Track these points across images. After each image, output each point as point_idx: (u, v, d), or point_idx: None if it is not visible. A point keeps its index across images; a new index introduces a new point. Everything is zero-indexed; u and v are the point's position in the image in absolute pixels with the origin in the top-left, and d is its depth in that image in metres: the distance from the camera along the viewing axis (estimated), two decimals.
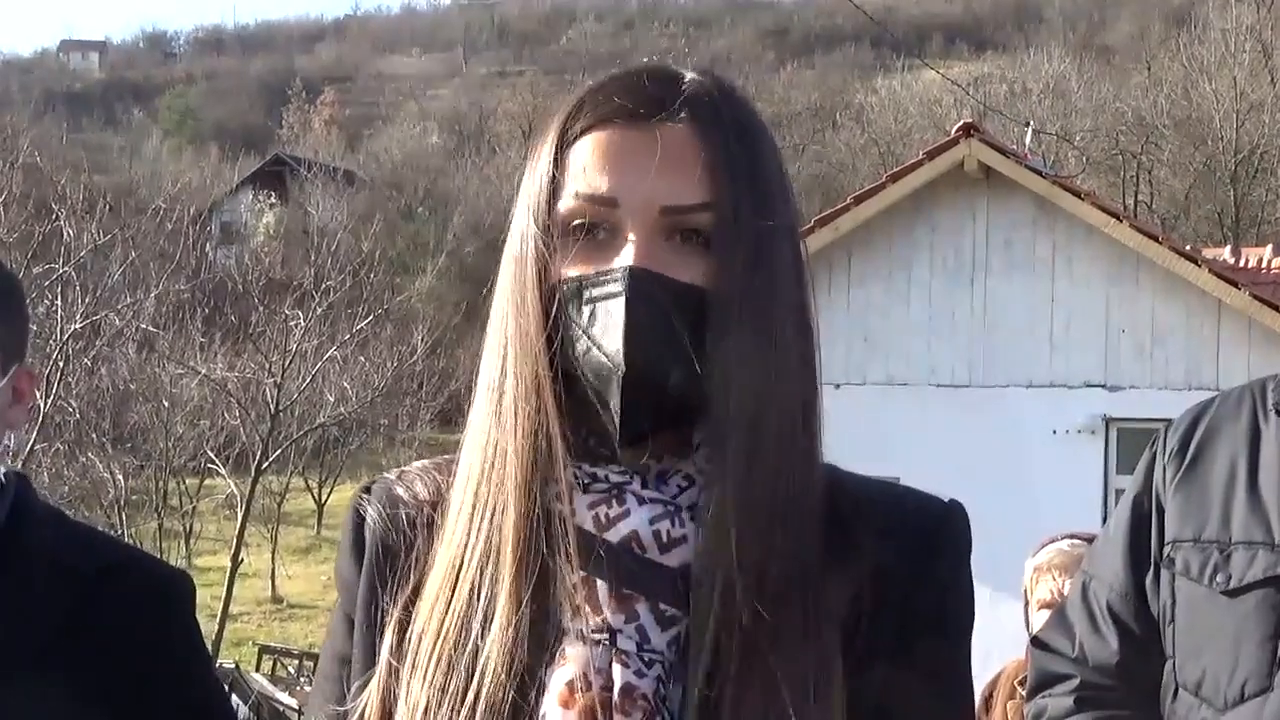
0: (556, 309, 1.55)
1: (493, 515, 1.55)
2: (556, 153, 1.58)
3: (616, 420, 1.52)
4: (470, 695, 1.50)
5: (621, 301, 1.51)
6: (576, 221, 1.56)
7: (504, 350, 1.58)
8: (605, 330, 1.52)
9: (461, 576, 1.55)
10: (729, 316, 1.52)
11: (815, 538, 1.54)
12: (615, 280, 1.52)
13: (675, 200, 1.53)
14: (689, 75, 1.61)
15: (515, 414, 1.56)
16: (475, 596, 1.54)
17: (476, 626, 1.52)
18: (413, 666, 1.54)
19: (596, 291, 1.53)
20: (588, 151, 1.57)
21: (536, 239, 1.57)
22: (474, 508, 1.57)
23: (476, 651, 1.51)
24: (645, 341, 1.51)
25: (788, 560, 1.52)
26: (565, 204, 1.56)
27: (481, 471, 1.57)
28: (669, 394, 1.52)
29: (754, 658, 1.48)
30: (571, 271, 1.55)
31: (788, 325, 1.56)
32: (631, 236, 1.54)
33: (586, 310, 1.54)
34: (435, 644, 1.54)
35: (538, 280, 1.56)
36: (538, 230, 1.57)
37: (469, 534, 1.56)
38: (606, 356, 1.52)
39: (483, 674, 1.50)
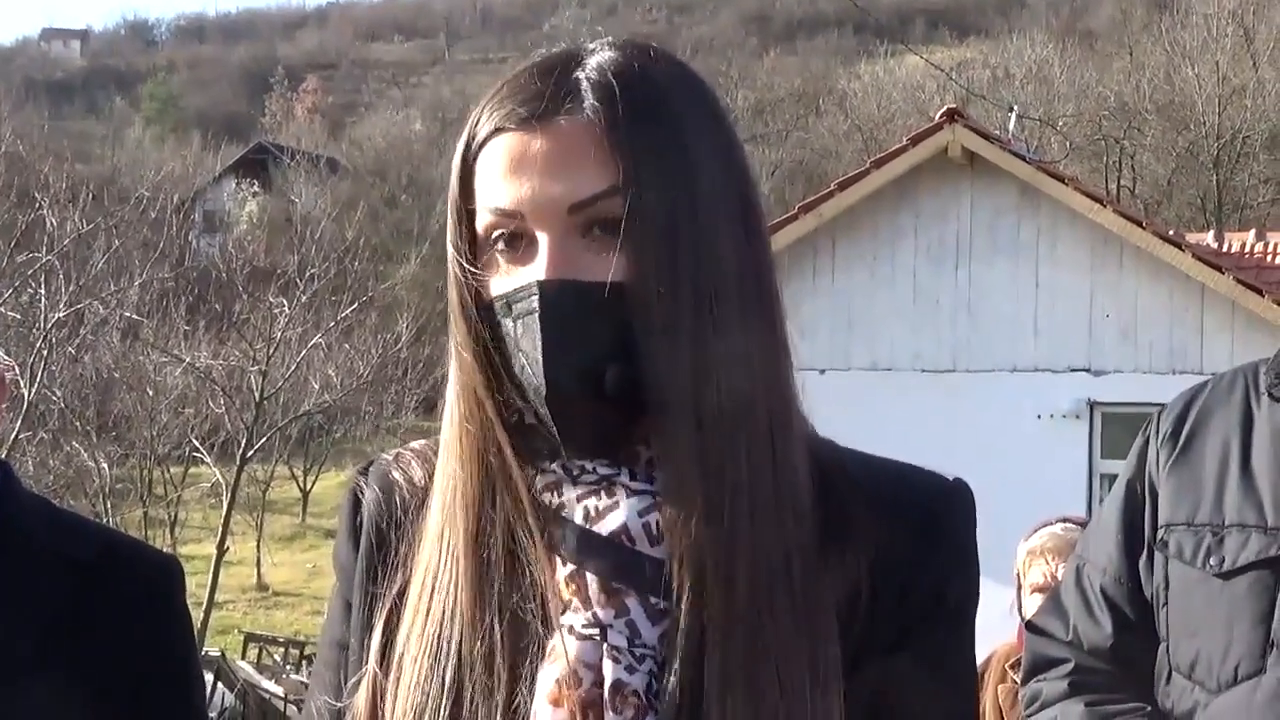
0: (495, 324, 1.53)
1: (453, 532, 1.54)
2: (462, 168, 1.55)
3: (554, 435, 1.50)
4: (450, 705, 1.49)
5: (536, 318, 1.48)
6: (492, 237, 1.53)
7: (453, 370, 1.58)
8: (529, 347, 1.49)
9: (435, 592, 1.54)
10: (651, 303, 1.47)
11: (802, 520, 1.51)
12: (530, 296, 1.49)
13: (579, 195, 1.48)
14: (593, 58, 1.54)
15: (461, 433, 1.55)
16: (446, 612, 1.53)
17: (449, 642, 1.51)
18: (398, 679, 1.53)
19: (519, 307, 1.50)
20: (488, 164, 1.53)
21: (455, 260, 1.55)
22: (441, 526, 1.56)
23: (450, 664, 1.50)
24: (564, 354, 1.47)
25: (766, 546, 1.48)
26: (481, 220, 1.53)
27: (445, 484, 1.57)
28: (607, 398, 1.48)
29: (739, 648, 1.46)
30: (494, 290, 1.53)
31: (729, 303, 1.50)
32: (542, 245, 1.50)
33: (519, 326, 1.51)
34: (416, 659, 1.53)
35: (462, 302, 1.54)
36: (454, 252, 1.55)
37: (440, 548, 1.55)
38: (534, 373, 1.49)
39: (460, 682, 1.49)
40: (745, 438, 1.49)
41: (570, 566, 1.51)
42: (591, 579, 1.50)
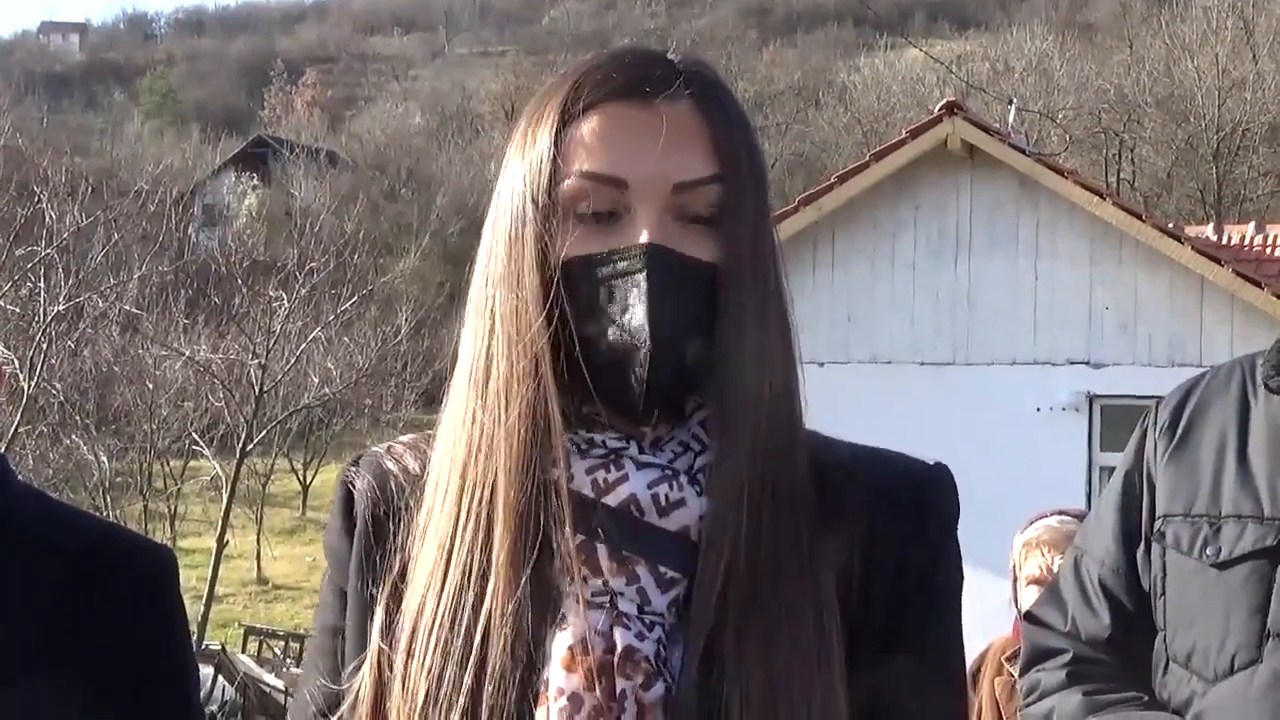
0: (556, 288, 1.55)
1: (484, 495, 1.56)
2: (556, 133, 1.58)
3: (641, 394, 1.54)
4: (473, 670, 1.51)
5: (643, 278, 1.53)
6: (582, 202, 1.56)
7: (491, 331, 1.58)
8: (626, 307, 1.53)
9: (453, 560, 1.55)
10: (735, 291, 1.55)
11: (807, 503, 1.57)
12: (633, 258, 1.54)
13: (686, 176, 1.55)
14: (679, 56, 1.62)
15: (507, 394, 1.56)
16: (468, 578, 1.54)
17: (469, 608, 1.53)
18: (408, 653, 1.55)
19: (612, 269, 1.54)
20: (591, 131, 1.56)
21: (536, 220, 1.57)
22: (462, 490, 1.57)
23: (472, 630, 1.52)
24: (667, 317, 1.52)
25: (785, 526, 1.54)
26: (569, 184, 1.56)
27: (469, 453, 1.58)
28: (687, 367, 1.54)
29: (755, 621, 1.51)
30: (578, 251, 1.55)
31: (776, 297, 1.60)
32: (643, 215, 1.54)
33: (607, 287, 1.54)
34: (432, 629, 1.54)
35: (539, 261, 1.56)
36: (537, 211, 1.57)
37: (458, 516, 1.57)
38: (629, 333, 1.53)
39: (486, 647, 1.51)
40: (782, 421, 1.57)
41: (580, 536, 1.53)
42: (601, 548, 1.54)
